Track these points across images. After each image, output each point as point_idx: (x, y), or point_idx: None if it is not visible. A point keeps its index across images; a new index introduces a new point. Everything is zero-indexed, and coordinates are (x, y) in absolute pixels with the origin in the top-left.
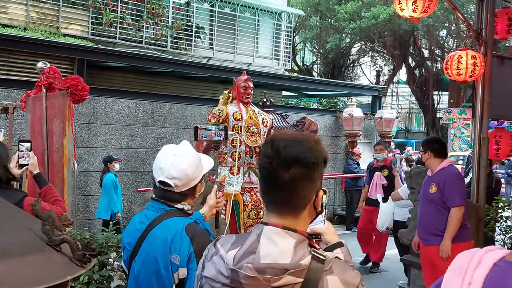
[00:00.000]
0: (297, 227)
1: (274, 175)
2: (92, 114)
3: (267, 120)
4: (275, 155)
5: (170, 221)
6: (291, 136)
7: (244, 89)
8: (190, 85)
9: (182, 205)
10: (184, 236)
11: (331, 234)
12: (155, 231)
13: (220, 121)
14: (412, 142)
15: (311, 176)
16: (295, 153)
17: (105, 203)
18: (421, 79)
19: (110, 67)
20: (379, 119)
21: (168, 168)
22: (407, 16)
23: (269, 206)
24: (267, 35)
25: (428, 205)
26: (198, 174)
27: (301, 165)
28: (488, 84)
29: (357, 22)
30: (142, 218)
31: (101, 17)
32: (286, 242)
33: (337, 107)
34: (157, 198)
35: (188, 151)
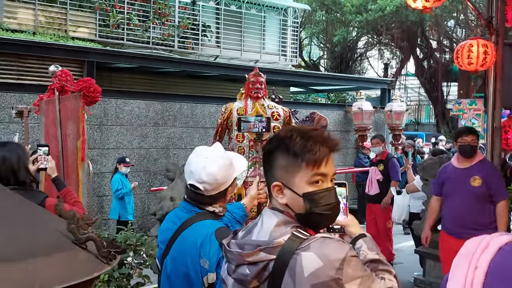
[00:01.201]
0: (287, 210)
1: (269, 157)
2: (103, 116)
3: (280, 112)
4: (270, 141)
5: (201, 224)
6: (294, 128)
7: (252, 84)
8: (199, 84)
9: (213, 207)
10: (214, 241)
11: (354, 226)
12: (185, 233)
13: (225, 118)
14: (422, 134)
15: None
16: (282, 136)
17: (114, 203)
18: (430, 71)
19: (119, 68)
20: (389, 112)
21: (198, 171)
22: (419, 7)
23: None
24: (274, 31)
25: (469, 199)
26: (228, 178)
27: (285, 149)
28: (500, 73)
29: (364, 15)
30: (174, 217)
31: (108, 19)
32: (269, 221)
33: (346, 101)
34: (189, 200)
35: (219, 154)
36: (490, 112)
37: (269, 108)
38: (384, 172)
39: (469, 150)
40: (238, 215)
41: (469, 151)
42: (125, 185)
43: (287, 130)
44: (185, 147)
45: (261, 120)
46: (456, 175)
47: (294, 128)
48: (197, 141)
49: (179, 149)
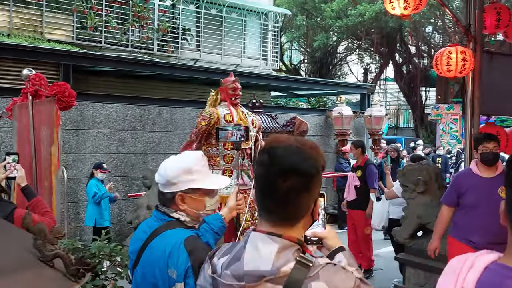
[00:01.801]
0: (286, 233)
1: (270, 185)
2: (80, 120)
3: (256, 121)
4: (270, 164)
5: (170, 233)
6: (287, 143)
7: (233, 90)
8: (178, 87)
9: (179, 214)
10: (182, 250)
11: (333, 238)
12: (154, 243)
13: (212, 124)
14: (401, 139)
15: (309, 187)
16: (292, 162)
17: (89, 209)
18: (409, 76)
19: (97, 71)
20: (369, 117)
21: (161, 164)
22: (398, 14)
23: (262, 213)
24: (254, 35)
25: (497, 210)
26: (180, 180)
27: (298, 174)
28: (478, 80)
29: (344, 20)
30: (145, 227)
31: (85, 22)
32: (269, 248)
33: (326, 106)
34: (159, 207)
35: (183, 156)
36: (468, 119)
37: (248, 115)
38: (362, 179)
39: (492, 158)
40: (216, 226)
41: (492, 159)
42: (101, 190)
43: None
44: (164, 152)
45: (239, 128)
46: (482, 184)
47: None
48: (177, 145)
49: (158, 154)
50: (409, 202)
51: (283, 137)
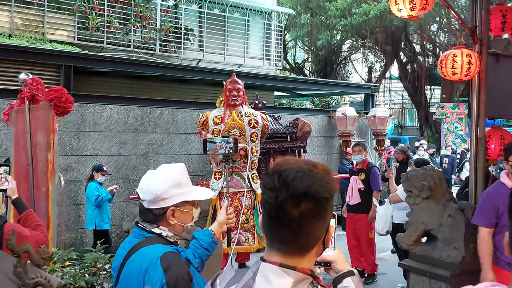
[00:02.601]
0: (299, 264)
1: (280, 211)
2: (81, 122)
3: (258, 119)
4: (282, 189)
5: (147, 249)
6: (298, 166)
7: (229, 92)
8: (181, 88)
9: (160, 230)
10: (158, 266)
11: (342, 262)
12: (132, 259)
13: (201, 125)
14: (405, 139)
15: (322, 213)
16: (305, 186)
17: (89, 212)
18: (413, 75)
19: (98, 72)
20: (373, 118)
21: (142, 180)
22: (405, 16)
23: (271, 243)
24: (258, 35)
25: None
26: (170, 196)
27: (311, 200)
28: (484, 83)
29: (348, 18)
30: (126, 243)
31: (87, 22)
32: (283, 282)
33: (330, 106)
34: (138, 223)
35: (168, 170)
36: (474, 121)
37: (246, 115)
38: (365, 182)
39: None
40: (206, 242)
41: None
42: (102, 193)
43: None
44: (166, 153)
45: (228, 141)
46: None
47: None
48: (178, 147)
49: (159, 156)
50: (413, 208)
51: (293, 160)
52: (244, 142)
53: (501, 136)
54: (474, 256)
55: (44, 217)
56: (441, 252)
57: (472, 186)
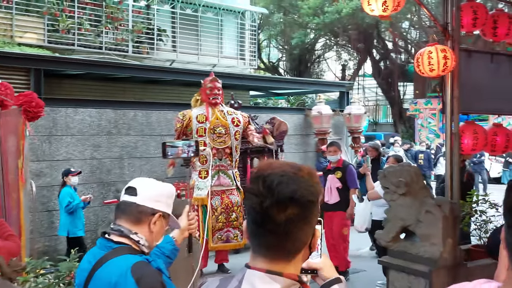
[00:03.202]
0: (285, 270)
1: (265, 217)
2: (52, 126)
3: (239, 118)
4: (267, 194)
5: (115, 261)
6: (282, 170)
7: (210, 90)
8: (154, 89)
9: (138, 237)
10: (129, 278)
11: (329, 269)
12: (99, 273)
13: (184, 125)
14: (380, 135)
15: (308, 217)
16: (290, 191)
17: (62, 219)
18: (386, 71)
19: (69, 75)
20: (348, 115)
21: (136, 179)
22: (377, 15)
23: (257, 249)
24: (231, 34)
25: None
26: (164, 202)
27: (297, 204)
28: (456, 79)
29: (321, 17)
30: (90, 256)
31: (57, 24)
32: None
33: (306, 104)
34: (105, 235)
35: (162, 183)
36: (448, 117)
37: (229, 114)
38: (342, 180)
39: None
40: (167, 250)
41: None
42: (75, 199)
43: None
44: (141, 156)
45: (190, 144)
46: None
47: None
48: (153, 149)
49: (134, 159)
50: (391, 204)
51: (277, 163)
52: (230, 140)
53: (474, 131)
54: (452, 251)
55: (16, 224)
56: (419, 248)
57: (448, 181)
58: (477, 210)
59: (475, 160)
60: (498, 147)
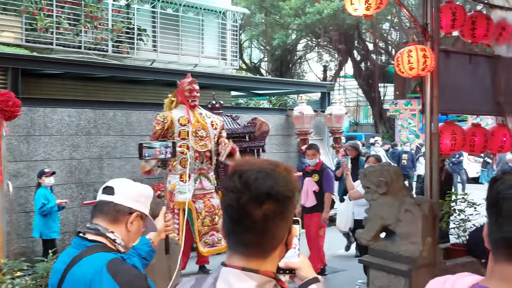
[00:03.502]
0: (261, 267)
1: (242, 213)
2: (30, 126)
3: (217, 122)
4: (244, 190)
5: (89, 259)
6: (259, 166)
7: (189, 92)
8: (134, 89)
9: (115, 236)
10: (105, 274)
11: (307, 268)
12: (73, 272)
13: (165, 128)
14: (361, 135)
15: (284, 213)
16: (267, 186)
17: (36, 220)
18: (367, 72)
19: (48, 74)
20: (329, 116)
21: (115, 180)
22: (360, 15)
23: (233, 247)
24: (213, 34)
25: None
26: (142, 203)
27: (274, 200)
28: (436, 79)
29: (302, 18)
30: (64, 256)
31: (35, 23)
32: (245, 285)
33: (287, 104)
34: (80, 234)
35: (142, 185)
36: (428, 117)
37: (207, 116)
38: (319, 183)
39: None
40: (144, 251)
41: None
42: (51, 200)
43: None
44: (120, 156)
45: (167, 145)
46: None
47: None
48: (133, 149)
49: (113, 159)
50: (371, 204)
51: (253, 160)
52: (210, 143)
53: (452, 131)
54: (431, 250)
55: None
56: (399, 247)
57: (427, 181)
58: (455, 209)
59: (454, 160)
60: (477, 147)
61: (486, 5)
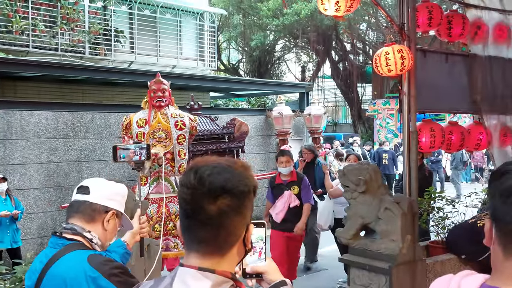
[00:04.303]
0: (219, 267)
1: (197, 208)
2: (7, 129)
3: (185, 121)
4: (198, 185)
5: (68, 257)
6: (216, 162)
7: (154, 92)
8: (112, 92)
9: (92, 235)
10: (88, 268)
11: (274, 272)
12: (52, 271)
13: (124, 128)
14: (340, 135)
15: (240, 208)
16: (222, 181)
17: None
18: (345, 73)
19: (24, 77)
20: (308, 116)
21: (90, 179)
22: (331, 15)
23: (189, 245)
24: (191, 36)
25: None
26: (117, 201)
27: (229, 195)
28: (413, 78)
29: (280, 19)
30: (42, 256)
31: (11, 25)
32: (201, 285)
33: (266, 105)
34: (58, 233)
35: (116, 183)
36: (405, 116)
37: (173, 117)
38: (299, 196)
39: None
40: (119, 254)
41: None
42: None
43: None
44: (99, 159)
45: (142, 147)
46: None
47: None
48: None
49: (92, 162)
50: (351, 202)
51: (212, 158)
52: (171, 145)
53: (431, 129)
54: (411, 248)
55: None
56: (379, 245)
57: (406, 179)
58: (434, 207)
59: (433, 159)
60: (454, 145)
61: (462, 4)
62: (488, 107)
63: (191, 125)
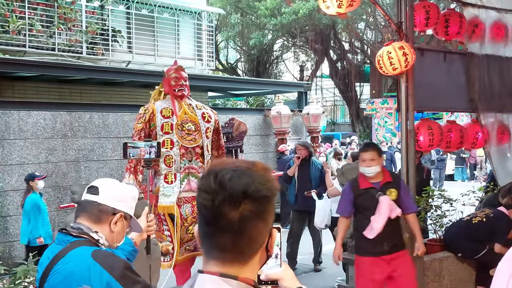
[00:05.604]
0: (241, 274)
1: (217, 215)
2: (5, 130)
3: (210, 114)
4: (219, 190)
5: (73, 253)
6: (235, 165)
7: (175, 81)
8: (110, 91)
9: (98, 236)
10: (93, 264)
11: (290, 278)
12: (58, 266)
13: (147, 120)
14: (338, 135)
15: (263, 213)
16: (244, 185)
17: (24, 227)
18: (343, 72)
19: (21, 77)
20: (306, 115)
21: (99, 180)
22: (334, 13)
23: (209, 252)
24: (188, 35)
25: None
26: (126, 203)
27: (252, 200)
28: (411, 76)
29: (278, 18)
30: (49, 253)
31: (7, 25)
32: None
33: (265, 104)
34: (62, 229)
35: (127, 185)
36: (403, 115)
37: (198, 108)
38: (397, 202)
39: None
40: (126, 251)
41: None
42: (41, 208)
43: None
44: (98, 159)
45: (152, 145)
46: None
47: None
48: (110, 152)
49: (90, 162)
50: None
51: (229, 160)
52: (200, 138)
53: (428, 127)
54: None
55: None
56: None
57: (404, 177)
58: (432, 205)
59: (438, 157)
60: (453, 144)
61: (459, 3)
62: (485, 105)
63: (215, 118)
